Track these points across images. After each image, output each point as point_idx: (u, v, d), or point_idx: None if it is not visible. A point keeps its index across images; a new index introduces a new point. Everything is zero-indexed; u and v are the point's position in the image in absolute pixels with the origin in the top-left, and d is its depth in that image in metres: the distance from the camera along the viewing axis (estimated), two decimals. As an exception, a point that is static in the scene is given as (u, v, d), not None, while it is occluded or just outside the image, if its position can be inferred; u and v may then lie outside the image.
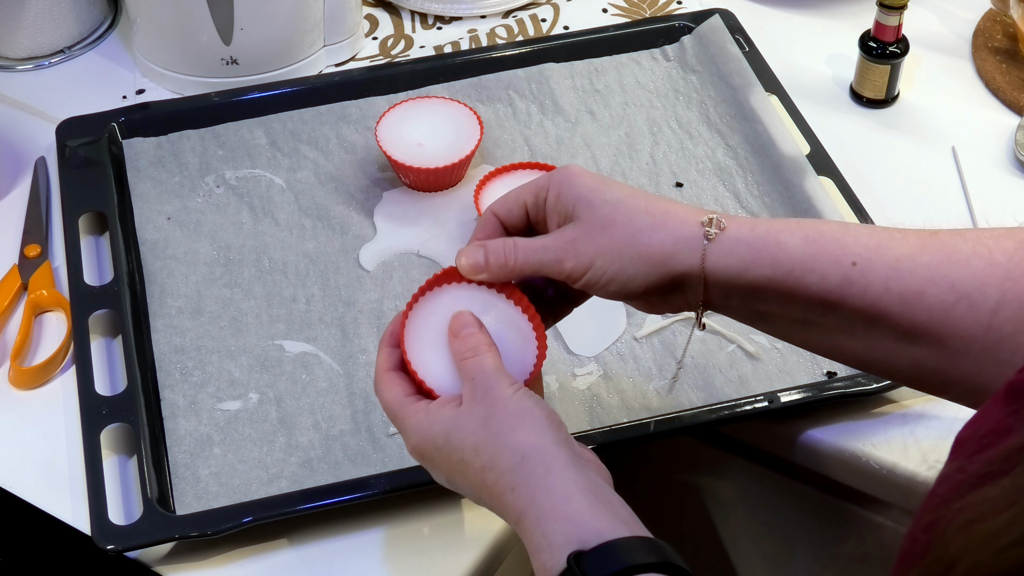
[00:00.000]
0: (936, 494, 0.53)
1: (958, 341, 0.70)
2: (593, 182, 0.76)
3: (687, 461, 1.07)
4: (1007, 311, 0.69)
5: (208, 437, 0.91)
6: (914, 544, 0.52)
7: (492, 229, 0.79)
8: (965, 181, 1.09)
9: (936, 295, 0.70)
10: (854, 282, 0.71)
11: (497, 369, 0.74)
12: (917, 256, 0.71)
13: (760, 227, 0.74)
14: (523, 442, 0.71)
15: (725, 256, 0.73)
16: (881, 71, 1.14)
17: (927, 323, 0.71)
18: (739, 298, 0.75)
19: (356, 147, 1.10)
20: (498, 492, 0.71)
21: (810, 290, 0.72)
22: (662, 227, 0.74)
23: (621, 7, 1.26)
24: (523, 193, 0.79)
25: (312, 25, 1.17)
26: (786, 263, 0.72)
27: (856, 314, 0.72)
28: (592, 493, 0.69)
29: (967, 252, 0.71)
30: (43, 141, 1.12)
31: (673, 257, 0.74)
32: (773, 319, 0.75)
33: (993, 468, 0.50)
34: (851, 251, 0.72)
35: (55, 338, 0.98)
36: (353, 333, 0.97)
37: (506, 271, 0.77)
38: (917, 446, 0.90)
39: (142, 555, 0.85)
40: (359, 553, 0.86)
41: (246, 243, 1.03)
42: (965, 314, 0.70)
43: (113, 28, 1.25)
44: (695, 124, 1.12)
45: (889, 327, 0.72)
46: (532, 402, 0.73)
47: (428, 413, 0.74)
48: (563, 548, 0.67)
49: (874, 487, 0.92)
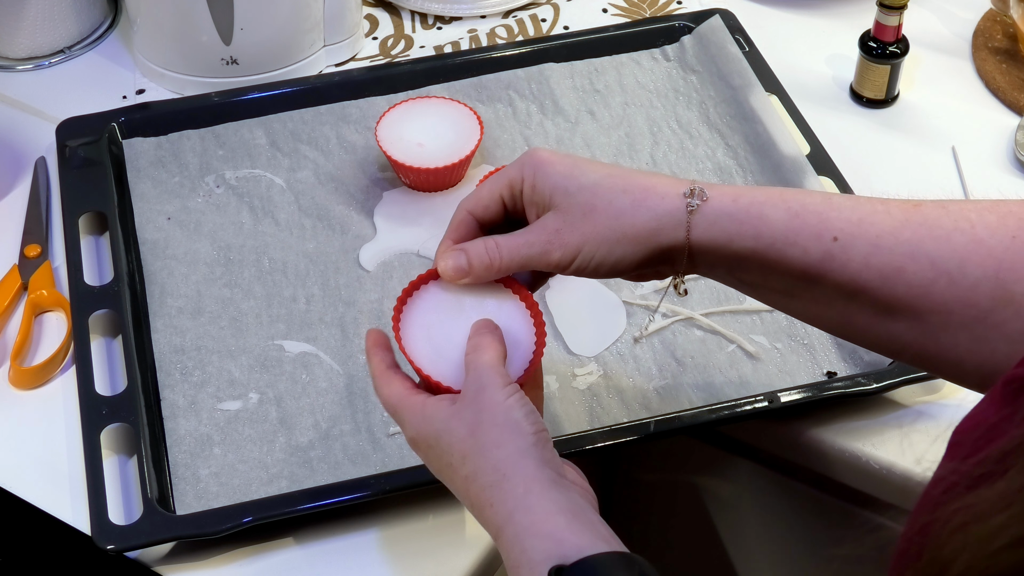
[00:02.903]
0: (931, 495, 0.53)
1: (937, 316, 0.70)
2: (565, 168, 0.76)
3: (687, 461, 1.07)
4: (986, 288, 0.69)
5: (208, 437, 0.91)
6: (909, 545, 0.52)
7: (467, 228, 0.78)
8: (965, 181, 1.09)
9: (916, 271, 0.70)
10: (835, 257, 0.72)
11: (490, 367, 0.73)
12: (898, 232, 0.71)
13: (743, 198, 0.74)
14: (505, 460, 0.70)
15: (709, 228, 0.73)
16: (881, 71, 1.14)
17: (906, 298, 0.71)
18: (723, 267, 0.75)
19: (356, 147, 1.10)
20: (479, 504, 0.71)
21: (792, 263, 0.72)
22: (643, 204, 0.74)
23: (621, 7, 1.26)
24: (498, 187, 0.78)
25: (312, 25, 1.17)
26: (768, 236, 0.72)
27: (836, 288, 0.72)
28: (571, 513, 0.69)
29: (949, 227, 0.71)
30: (43, 141, 1.12)
31: (658, 233, 0.74)
32: (757, 288, 0.76)
33: (987, 469, 0.50)
34: (833, 225, 0.72)
35: (55, 338, 0.98)
36: (353, 333, 0.97)
37: (491, 272, 0.76)
38: (916, 446, 0.90)
39: (142, 555, 0.85)
40: (359, 553, 0.86)
41: (246, 243, 1.03)
42: (944, 290, 0.70)
43: (113, 28, 1.25)
44: (695, 124, 1.12)
45: (869, 301, 0.72)
46: (521, 413, 0.72)
47: (424, 407, 0.74)
48: (543, 564, 0.67)
49: (873, 487, 0.92)
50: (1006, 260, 0.69)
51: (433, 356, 0.77)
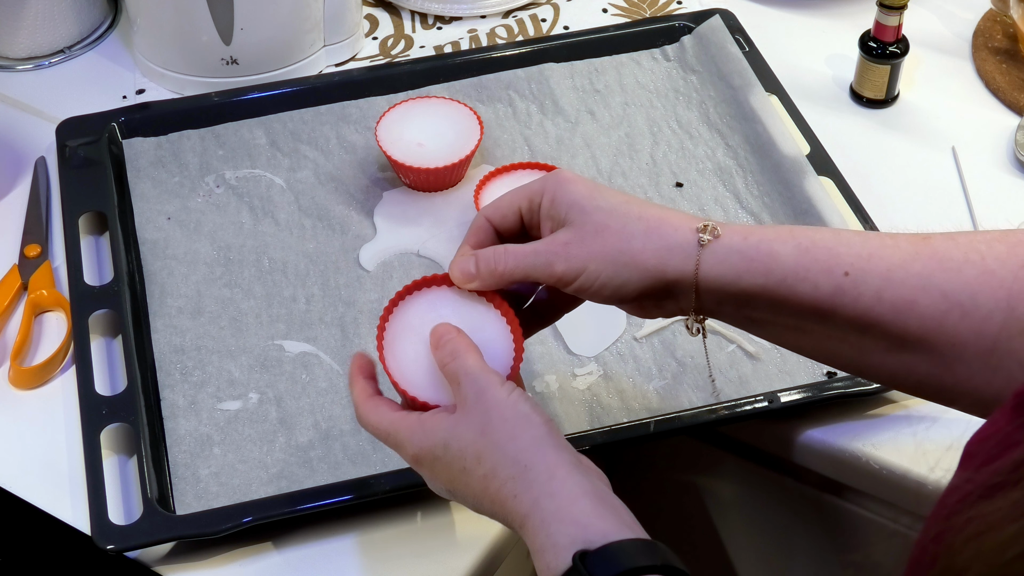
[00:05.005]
0: (945, 504, 0.53)
1: (951, 348, 0.70)
2: (587, 189, 0.76)
3: (687, 461, 1.07)
4: (999, 318, 0.69)
5: (208, 437, 0.91)
6: (923, 553, 0.52)
7: (484, 234, 0.79)
8: (965, 181, 1.09)
9: (928, 304, 0.70)
10: (846, 292, 0.71)
11: (483, 369, 0.73)
12: (909, 265, 0.71)
13: (753, 235, 0.74)
14: (524, 451, 0.71)
15: (718, 264, 0.73)
16: (881, 71, 1.14)
17: (919, 331, 0.71)
18: (732, 305, 0.75)
19: (356, 147, 1.10)
20: (500, 499, 0.71)
21: (802, 299, 0.72)
22: (656, 233, 0.74)
23: (621, 7, 1.26)
24: (517, 198, 0.79)
25: (312, 25, 1.17)
26: (778, 272, 0.72)
27: (848, 322, 0.72)
28: (596, 497, 0.69)
29: (959, 259, 0.71)
30: (43, 141, 1.12)
31: (666, 263, 0.74)
32: (766, 325, 0.76)
33: (1001, 479, 0.50)
34: (843, 260, 0.72)
35: (55, 338, 0.98)
36: (353, 333, 0.97)
37: (495, 277, 0.77)
38: (917, 446, 0.90)
39: (142, 555, 0.85)
40: (359, 553, 0.86)
41: (246, 243, 1.03)
42: (957, 322, 0.70)
43: (113, 28, 1.25)
44: (695, 124, 1.12)
45: (881, 335, 0.72)
46: (528, 406, 0.72)
47: (422, 423, 0.74)
48: (568, 548, 0.67)
49: (874, 487, 0.92)
50: (1017, 289, 0.69)
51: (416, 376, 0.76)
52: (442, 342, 0.75)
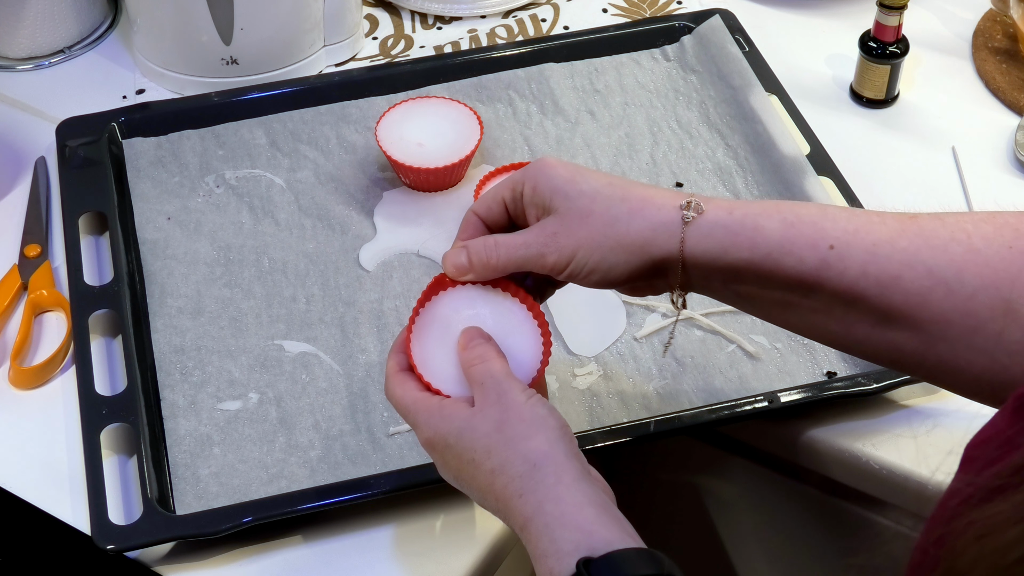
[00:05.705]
0: (946, 507, 0.53)
1: (935, 326, 0.70)
2: (568, 173, 0.76)
3: (687, 461, 1.07)
4: (983, 298, 0.69)
5: (208, 437, 0.91)
6: (924, 557, 0.52)
7: (474, 229, 0.79)
8: (965, 181, 1.09)
9: (913, 280, 0.70)
10: (831, 265, 0.72)
11: (506, 375, 0.74)
12: (895, 240, 0.71)
13: (738, 210, 0.74)
14: (536, 451, 0.71)
15: (703, 240, 0.73)
16: (881, 71, 1.14)
17: (904, 307, 0.71)
18: (719, 280, 0.75)
19: (356, 147, 1.10)
20: (505, 496, 0.71)
21: (788, 273, 0.72)
22: (640, 214, 0.74)
23: (621, 7, 1.26)
24: (500, 190, 0.79)
25: (312, 25, 1.17)
26: (764, 246, 0.72)
27: (834, 296, 0.72)
28: (600, 506, 0.70)
29: (946, 237, 0.71)
30: (43, 141, 1.12)
31: (652, 243, 0.74)
32: (753, 300, 0.76)
33: (1002, 482, 0.50)
34: (829, 234, 0.72)
35: (55, 338, 0.98)
36: (353, 333, 0.97)
37: (489, 269, 0.77)
38: (917, 446, 0.90)
39: (142, 555, 0.85)
40: (359, 553, 0.86)
41: (246, 243, 1.03)
42: (942, 300, 0.70)
43: (113, 28, 1.25)
44: (695, 124, 1.12)
45: (867, 310, 0.72)
46: (546, 411, 0.73)
47: (441, 408, 0.75)
48: (572, 554, 0.67)
49: (874, 487, 0.92)
50: (1003, 270, 0.69)
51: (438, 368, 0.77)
52: (470, 345, 0.76)
